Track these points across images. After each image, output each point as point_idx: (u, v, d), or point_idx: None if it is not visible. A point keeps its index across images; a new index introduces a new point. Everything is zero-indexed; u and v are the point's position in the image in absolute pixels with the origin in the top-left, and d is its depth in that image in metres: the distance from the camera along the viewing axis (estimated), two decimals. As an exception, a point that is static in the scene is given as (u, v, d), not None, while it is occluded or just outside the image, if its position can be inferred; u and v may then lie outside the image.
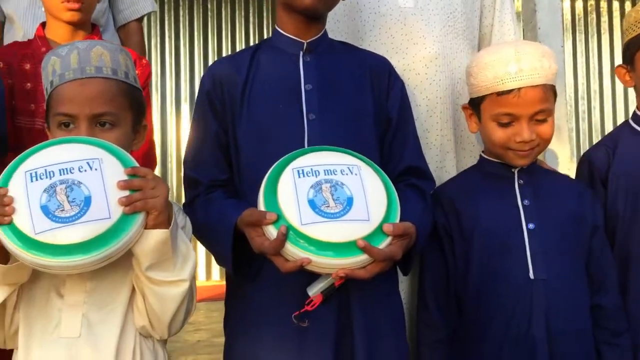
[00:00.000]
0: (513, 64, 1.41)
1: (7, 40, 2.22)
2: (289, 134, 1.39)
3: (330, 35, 1.53)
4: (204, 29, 4.45)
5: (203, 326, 3.73)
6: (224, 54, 4.47)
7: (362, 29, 1.66)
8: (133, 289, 1.22)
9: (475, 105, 1.52)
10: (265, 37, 4.45)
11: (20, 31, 2.14)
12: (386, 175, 1.33)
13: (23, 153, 1.15)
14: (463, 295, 1.48)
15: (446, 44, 1.66)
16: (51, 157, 1.13)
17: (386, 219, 1.26)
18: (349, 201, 1.25)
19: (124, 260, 1.16)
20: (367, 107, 1.45)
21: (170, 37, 4.36)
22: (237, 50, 4.41)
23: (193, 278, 1.22)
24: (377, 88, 1.47)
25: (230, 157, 1.45)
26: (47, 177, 1.10)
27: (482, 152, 1.59)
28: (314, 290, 1.28)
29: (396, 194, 1.30)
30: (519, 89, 1.41)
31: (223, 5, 4.47)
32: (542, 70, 1.43)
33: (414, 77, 1.63)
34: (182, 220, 1.30)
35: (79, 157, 1.13)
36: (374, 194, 1.28)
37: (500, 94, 1.44)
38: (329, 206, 1.24)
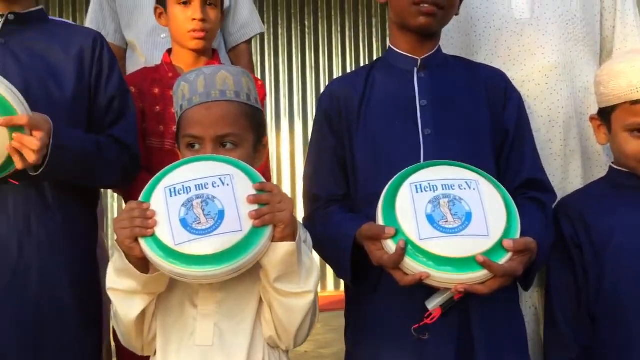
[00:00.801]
0: None
1: (129, 65, 2.39)
2: (405, 149, 1.42)
3: (444, 51, 1.54)
4: (302, 45, 4.56)
5: (309, 337, 3.78)
6: (321, 69, 4.55)
7: (476, 44, 1.66)
8: (260, 301, 1.27)
9: (605, 115, 1.48)
10: (360, 50, 4.52)
11: (142, 58, 2.30)
12: (505, 189, 1.32)
13: (162, 171, 1.24)
14: (596, 312, 1.44)
15: (566, 52, 1.63)
16: (187, 174, 1.21)
17: (506, 234, 1.25)
18: (468, 216, 1.25)
19: (251, 273, 1.21)
20: (483, 121, 1.45)
21: (269, 54, 4.50)
22: (334, 64, 4.51)
23: (316, 290, 1.26)
24: (493, 101, 1.47)
25: (347, 172, 1.49)
26: (184, 193, 1.18)
27: (612, 163, 1.54)
28: (433, 304, 1.29)
29: (516, 208, 1.29)
30: None
31: (319, 21, 4.56)
32: None
33: (534, 88, 1.61)
34: (302, 234, 1.35)
35: (212, 173, 1.20)
36: (493, 209, 1.27)
37: (634, 102, 1.39)
38: (448, 221, 1.25)
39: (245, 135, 1.36)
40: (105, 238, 1.82)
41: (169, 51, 1.86)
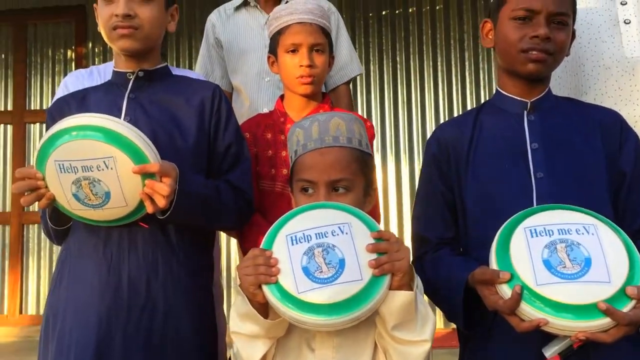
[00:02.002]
0: None
1: (235, 108, 2.51)
2: (516, 192, 1.41)
3: (552, 90, 1.52)
4: (393, 81, 4.60)
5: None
6: (413, 104, 4.57)
7: (585, 83, 1.64)
8: (376, 346, 1.29)
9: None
10: (452, 83, 4.50)
11: (246, 101, 2.42)
12: (625, 234, 1.28)
13: (281, 218, 1.29)
14: None
15: None
16: (307, 222, 1.26)
17: (629, 280, 1.21)
18: (587, 262, 1.23)
19: (368, 318, 1.23)
20: (598, 163, 1.42)
21: (361, 91, 4.57)
22: (426, 99, 4.51)
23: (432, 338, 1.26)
24: (608, 142, 1.44)
25: (456, 215, 1.50)
26: (305, 241, 1.23)
27: None
28: (551, 352, 1.26)
29: (638, 253, 1.25)
30: None
31: (411, 57, 4.59)
32: None
33: None
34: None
35: (331, 222, 1.25)
36: (613, 254, 1.24)
37: None
38: (566, 267, 1.22)
39: (356, 179, 1.40)
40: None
41: (282, 97, 1.94)
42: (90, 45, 4.78)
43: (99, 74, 2.12)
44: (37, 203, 1.45)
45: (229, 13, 2.51)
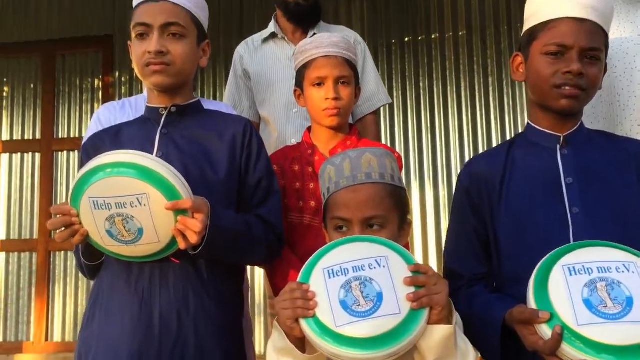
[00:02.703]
0: None
1: (263, 139, 2.53)
2: (552, 228, 1.39)
3: (586, 120, 1.51)
4: (417, 107, 4.60)
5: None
6: (437, 130, 4.55)
7: (620, 114, 1.62)
8: None
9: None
10: (476, 108, 4.47)
11: (275, 132, 2.43)
12: None
13: (318, 252, 1.29)
14: None
15: None
16: (343, 255, 1.25)
17: None
18: (629, 301, 1.20)
19: (406, 354, 1.21)
20: (635, 199, 1.39)
21: (385, 117, 4.57)
22: (450, 124, 4.49)
23: None
24: None
25: (489, 250, 1.48)
26: (342, 274, 1.22)
27: None
28: None
29: None
30: None
31: (435, 83, 4.58)
32: None
33: None
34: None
35: (368, 255, 1.24)
36: None
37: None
38: (607, 306, 1.20)
39: (390, 216, 1.40)
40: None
41: (309, 129, 1.95)
42: (117, 74, 4.86)
43: (130, 106, 2.15)
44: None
45: (257, 45, 2.54)
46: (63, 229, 1.45)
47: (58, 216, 1.45)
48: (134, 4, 1.68)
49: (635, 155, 1.43)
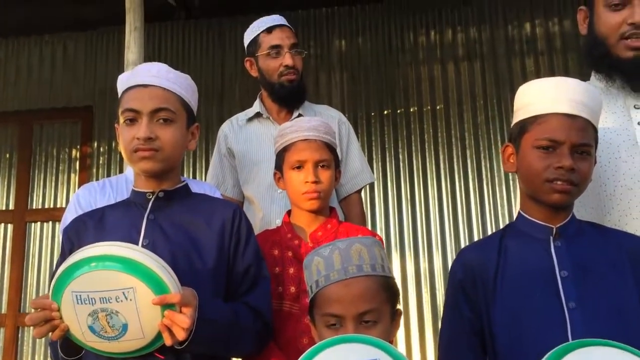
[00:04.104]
0: None
1: (247, 218, 2.50)
2: (549, 324, 1.36)
3: (574, 210, 1.51)
4: (396, 178, 4.63)
5: None
6: (417, 201, 4.57)
7: (607, 203, 1.61)
8: None
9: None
10: (455, 180, 4.52)
11: (259, 212, 2.40)
12: None
13: (306, 353, 1.23)
14: None
15: None
16: (335, 357, 1.21)
17: None
18: None
19: None
20: (630, 293, 1.38)
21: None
22: (430, 196, 4.52)
23: None
24: (638, 270, 1.41)
25: (484, 343, 1.44)
26: None
27: None
28: None
29: None
30: None
31: (414, 155, 4.64)
32: None
33: None
34: None
35: (360, 357, 1.20)
36: None
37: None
38: None
39: (383, 308, 1.37)
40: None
41: (289, 212, 1.93)
42: (95, 144, 4.83)
43: (111, 187, 2.11)
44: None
45: (242, 124, 2.55)
46: (42, 323, 1.38)
47: (38, 310, 1.39)
48: (122, 87, 1.67)
49: (628, 251, 1.43)
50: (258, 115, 2.52)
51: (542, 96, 1.45)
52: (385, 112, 4.75)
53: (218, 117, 4.58)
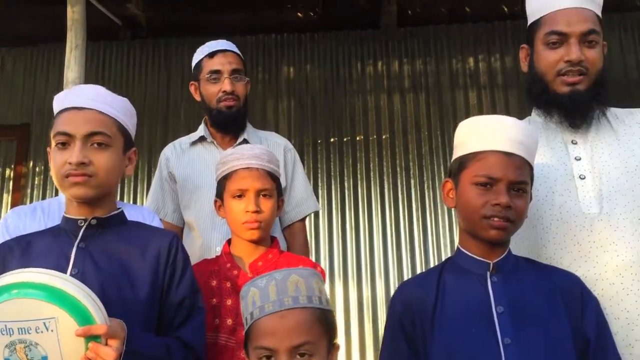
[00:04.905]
0: None
1: (186, 244, 2.41)
2: (484, 359, 1.36)
3: (512, 243, 1.53)
4: (341, 206, 4.63)
5: None
6: (361, 230, 4.58)
7: (544, 237, 1.63)
8: None
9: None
10: (399, 210, 4.56)
11: (199, 239, 2.33)
12: None
13: None
14: None
15: None
16: None
17: None
18: None
19: None
20: (563, 330, 1.40)
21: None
22: (374, 224, 4.54)
23: None
24: (571, 308, 1.43)
25: None
26: None
27: None
28: None
29: None
30: None
31: (359, 183, 4.66)
32: None
33: (608, 288, 1.54)
34: None
35: None
36: None
37: None
38: None
39: (319, 341, 1.33)
40: None
41: (229, 241, 1.89)
42: (31, 164, 4.64)
43: (42, 211, 2.01)
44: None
45: (185, 147, 2.49)
46: None
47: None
48: (57, 107, 1.60)
49: (562, 287, 1.45)
50: (202, 139, 2.47)
51: (481, 133, 1.47)
52: (332, 139, 4.76)
53: (162, 140, 4.49)
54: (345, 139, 4.76)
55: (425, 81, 4.82)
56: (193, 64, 2.49)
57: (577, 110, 1.67)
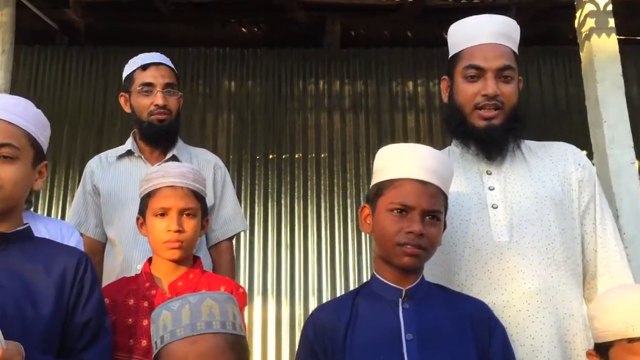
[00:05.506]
0: None
1: (107, 260, 2.36)
2: None
3: (426, 268, 1.55)
4: (277, 223, 4.63)
5: None
6: (296, 248, 4.58)
7: (457, 263, 1.67)
8: None
9: (602, 350, 1.46)
10: (334, 228, 4.59)
11: (120, 255, 2.28)
12: None
13: None
14: None
15: (547, 278, 1.61)
16: None
17: None
18: None
19: None
20: (470, 357, 1.42)
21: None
22: (309, 243, 4.54)
23: None
24: (478, 335, 1.46)
25: None
26: None
27: None
28: None
29: None
30: None
31: (296, 201, 4.67)
32: None
33: (515, 314, 1.58)
34: None
35: None
36: None
37: (631, 340, 1.39)
38: None
39: None
40: None
41: (150, 260, 1.85)
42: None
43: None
44: None
45: (111, 161, 2.43)
46: None
47: None
48: None
49: (471, 317, 1.48)
50: (129, 153, 2.42)
51: (398, 161, 1.50)
52: (271, 156, 4.76)
53: (96, 151, 4.33)
54: (284, 156, 4.77)
55: (366, 102, 4.89)
56: (124, 75, 2.45)
57: (492, 143, 1.72)
